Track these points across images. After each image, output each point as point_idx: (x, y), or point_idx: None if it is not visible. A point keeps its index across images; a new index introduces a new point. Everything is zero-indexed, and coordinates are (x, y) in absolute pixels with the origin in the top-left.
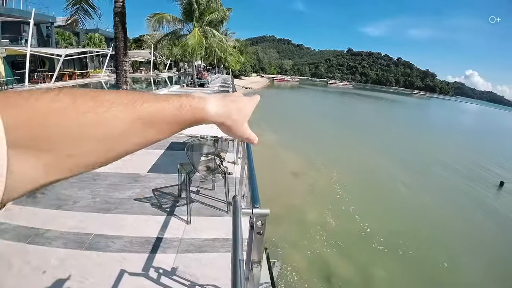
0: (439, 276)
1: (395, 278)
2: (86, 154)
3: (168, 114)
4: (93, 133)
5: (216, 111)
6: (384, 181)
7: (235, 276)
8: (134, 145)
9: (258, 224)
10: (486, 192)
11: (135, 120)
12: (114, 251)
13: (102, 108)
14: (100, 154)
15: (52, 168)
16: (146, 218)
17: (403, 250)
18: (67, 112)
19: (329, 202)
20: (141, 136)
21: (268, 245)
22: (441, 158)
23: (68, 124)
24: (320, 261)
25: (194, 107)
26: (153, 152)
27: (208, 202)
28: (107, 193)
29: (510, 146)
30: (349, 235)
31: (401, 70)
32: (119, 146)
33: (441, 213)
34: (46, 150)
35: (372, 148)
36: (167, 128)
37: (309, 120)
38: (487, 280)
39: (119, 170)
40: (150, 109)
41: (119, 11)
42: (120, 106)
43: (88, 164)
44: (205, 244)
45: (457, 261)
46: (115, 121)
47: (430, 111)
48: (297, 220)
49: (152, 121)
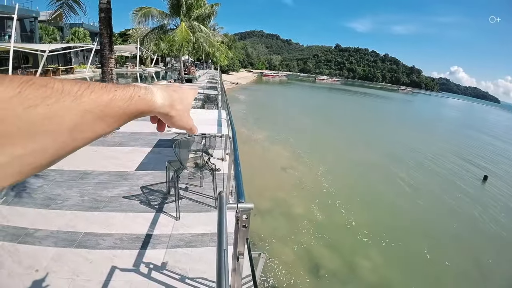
0: (422, 265)
1: (379, 268)
2: (37, 152)
3: (117, 106)
4: (44, 128)
5: (162, 102)
6: (369, 174)
7: (220, 265)
8: (84, 140)
9: (243, 218)
10: (470, 185)
11: (85, 112)
12: (105, 249)
13: (52, 99)
14: (51, 152)
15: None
16: (135, 215)
17: (386, 242)
18: (12, 104)
19: (316, 196)
20: (91, 130)
21: (256, 238)
22: (426, 152)
23: (14, 118)
24: (307, 254)
25: (142, 98)
26: (140, 150)
27: (196, 199)
28: (96, 192)
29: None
30: (335, 228)
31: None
32: (70, 143)
33: (424, 206)
34: None
35: (358, 142)
36: (116, 120)
37: (298, 116)
38: (468, 269)
39: (106, 169)
40: (99, 101)
41: (105, 7)
42: (69, 96)
43: (38, 165)
44: (194, 239)
45: (440, 252)
46: (66, 114)
47: (416, 106)
48: (285, 214)
49: (101, 114)
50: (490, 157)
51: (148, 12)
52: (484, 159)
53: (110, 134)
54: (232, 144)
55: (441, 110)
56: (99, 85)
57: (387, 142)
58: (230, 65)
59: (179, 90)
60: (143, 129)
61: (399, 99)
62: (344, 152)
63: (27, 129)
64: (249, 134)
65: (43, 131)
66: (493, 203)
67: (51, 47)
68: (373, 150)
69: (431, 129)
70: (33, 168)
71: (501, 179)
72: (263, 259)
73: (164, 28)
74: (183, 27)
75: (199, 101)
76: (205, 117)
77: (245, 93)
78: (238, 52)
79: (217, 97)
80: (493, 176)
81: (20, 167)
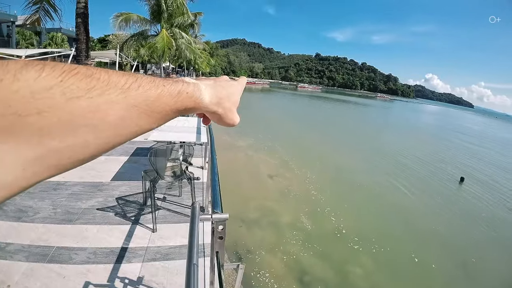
0: (411, 269)
1: (370, 274)
2: (75, 147)
3: (164, 102)
4: (86, 121)
5: (210, 100)
6: (355, 180)
7: (188, 280)
8: (127, 135)
9: (218, 228)
10: (449, 187)
11: (131, 107)
12: (78, 263)
13: (96, 91)
14: (92, 147)
15: (34, 166)
16: (110, 228)
17: (376, 248)
18: (53, 95)
19: (304, 204)
20: (136, 125)
21: (244, 250)
22: (407, 156)
23: (55, 110)
24: (297, 265)
25: (190, 96)
26: (117, 159)
27: (174, 209)
28: (69, 203)
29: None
30: (325, 236)
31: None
32: (114, 138)
33: (409, 209)
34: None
35: (343, 148)
36: (162, 116)
37: (282, 123)
38: (453, 270)
39: (80, 179)
40: (146, 95)
41: (81, 11)
42: (116, 89)
43: (77, 160)
44: (172, 252)
45: (427, 255)
46: (112, 108)
47: (395, 112)
48: (274, 224)
49: (148, 109)
50: (465, 159)
51: (128, 17)
52: (460, 162)
53: None
54: (210, 152)
55: (418, 115)
56: (146, 78)
57: (370, 147)
58: (212, 72)
59: (227, 86)
60: None
61: (378, 106)
62: (330, 158)
63: (68, 122)
64: (233, 142)
65: (85, 125)
66: (471, 203)
67: (27, 53)
68: (357, 156)
69: (410, 134)
70: (72, 162)
71: (476, 180)
72: (241, 270)
73: (144, 34)
74: (164, 34)
75: None
76: (184, 125)
77: None
78: (220, 60)
79: None
80: (469, 177)
81: (58, 160)
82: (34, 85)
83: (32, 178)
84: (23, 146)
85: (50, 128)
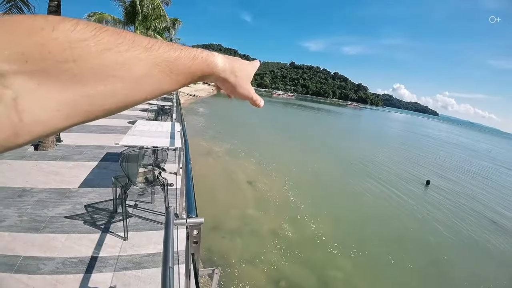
0: (388, 270)
1: (351, 277)
2: (105, 95)
3: (182, 63)
4: (115, 73)
5: (223, 66)
6: (332, 186)
7: (164, 284)
8: (149, 93)
9: (193, 233)
10: (416, 189)
11: (154, 65)
12: (46, 273)
13: (124, 47)
14: (119, 97)
15: (68, 108)
16: (79, 236)
17: (354, 252)
18: (88, 46)
19: (284, 211)
20: (156, 84)
21: (225, 264)
22: (378, 161)
23: (88, 59)
24: (278, 274)
25: (205, 60)
26: (85, 165)
27: (147, 216)
28: (35, 211)
29: (431, 149)
30: (306, 243)
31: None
32: (138, 92)
33: (384, 212)
34: (62, 86)
35: (319, 155)
36: (180, 78)
37: (259, 129)
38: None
39: (47, 186)
40: (166, 56)
41: (54, 10)
42: (140, 47)
43: (105, 108)
44: (145, 260)
45: (403, 256)
46: (137, 63)
47: (365, 120)
48: (254, 232)
49: (167, 69)
50: (430, 164)
51: (102, 18)
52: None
53: (52, 147)
54: (185, 158)
55: (387, 123)
56: (165, 42)
57: (344, 153)
58: None
59: (239, 60)
60: (88, 142)
61: (349, 114)
62: (307, 164)
63: (99, 71)
64: (210, 147)
65: (114, 75)
66: (437, 204)
67: None
68: (333, 162)
69: (380, 141)
70: (101, 110)
71: (440, 182)
72: (217, 275)
73: None
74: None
75: (152, 112)
76: (158, 130)
77: (204, 106)
78: None
79: (172, 108)
80: (434, 180)
81: (88, 106)
82: (71, 36)
83: (65, 120)
84: (59, 89)
85: (83, 75)
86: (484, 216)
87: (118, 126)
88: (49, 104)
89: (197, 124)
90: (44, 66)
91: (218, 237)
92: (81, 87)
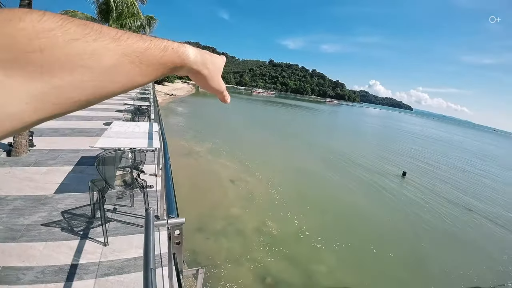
0: (371, 260)
1: (335, 270)
2: (73, 86)
3: (152, 54)
4: (83, 62)
5: (195, 57)
6: (314, 181)
7: (146, 286)
8: (120, 85)
9: (175, 234)
10: (393, 180)
11: (122, 55)
12: (26, 284)
13: (91, 37)
14: (88, 89)
15: (36, 101)
16: (57, 244)
17: (338, 245)
18: (55, 35)
19: (268, 209)
20: (126, 75)
21: (211, 265)
22: (354, 156)
23: (55, 49)
24: (264, 271)
25: (175, 51)
26: (59, 170)
27: (126, 220)
28: (10, 220)
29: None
30: (290, 239)
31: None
32: (108, 83)
33: (364, 205)
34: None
35: (300, 151)
36: (151, 69)
37: (240, 127)
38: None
39: (21, 193)
40: (135, 46)
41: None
42: (108, 38)
43: (74, 101)
44: (127, 265)
45: (384, 245)
46: (105, 53)
47: (342, 116)
48: (239, 231)
49: (137, 60)
50: (405, 156)
51: (74, 15)
52: (400, 158)
53: (25, 152)
54: (164, 158)
55: (363, 118)
56: (134, 34)
57: (324, 149)
58: None
59: (209, 53)
60: (63, 146)
61: (328, 110)
62: (289, 161)
63: (66, 61)
64: (190, 147)
65: (82, 65)
66: (414, 194)
67: None
68: (313, 158)
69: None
70: (70, 103)
71: (415, 173)
72: (201, 275)
73: None
74: None
75: (128, 113)
76: (135, 130)
77: (183, 105)
78: None
79: (149, 108)
80: (409, 171)
81: (56, 98)
82: (38, 26)
83: (34, 114)
84: (27, 81)
85: (51, 66)
86: (456, 203)
87: (94, 128)
88: (17, 97)
89: (176, 124)
90: (11, 56)
91: (203, 238)
92: (49, 78)
